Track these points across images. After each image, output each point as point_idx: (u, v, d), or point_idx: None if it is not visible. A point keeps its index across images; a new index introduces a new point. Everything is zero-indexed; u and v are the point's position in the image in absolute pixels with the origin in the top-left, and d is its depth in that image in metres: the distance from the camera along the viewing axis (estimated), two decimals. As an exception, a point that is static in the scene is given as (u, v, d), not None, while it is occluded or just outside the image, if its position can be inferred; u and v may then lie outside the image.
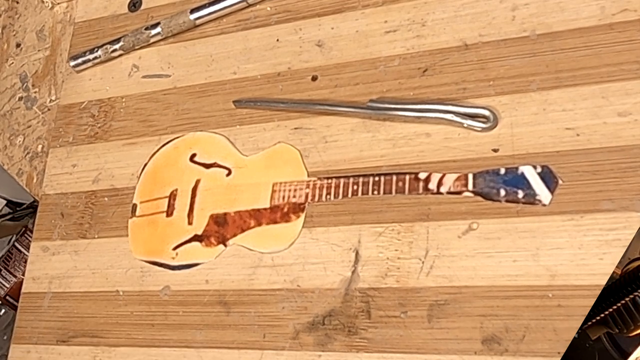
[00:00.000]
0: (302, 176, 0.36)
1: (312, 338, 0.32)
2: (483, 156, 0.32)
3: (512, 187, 0.31)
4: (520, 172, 0.31)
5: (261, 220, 0.36)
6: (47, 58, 0.49)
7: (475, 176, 0.32)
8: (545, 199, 0.30)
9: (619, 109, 0.30)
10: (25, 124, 0.48)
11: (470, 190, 0.31)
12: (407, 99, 0.35)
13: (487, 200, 0.31)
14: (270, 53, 0.40)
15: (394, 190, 0.33)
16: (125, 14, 0.46)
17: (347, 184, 0.34)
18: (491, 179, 0.31)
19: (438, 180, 0.32)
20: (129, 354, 0.36)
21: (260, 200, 0.36)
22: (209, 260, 0.36)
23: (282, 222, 0.35)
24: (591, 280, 0.28)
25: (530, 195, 0.30)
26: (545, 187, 0.30)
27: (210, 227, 0.37)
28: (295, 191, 0.35)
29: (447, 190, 0.32)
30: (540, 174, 0.30)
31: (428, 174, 0.33)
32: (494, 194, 0.31)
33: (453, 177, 0.32)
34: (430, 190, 0.32)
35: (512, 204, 0.30)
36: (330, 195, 0.34)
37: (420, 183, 0.33)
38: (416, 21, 0.36)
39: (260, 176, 0.37)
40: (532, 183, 0.30)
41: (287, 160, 0.36)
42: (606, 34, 0.32)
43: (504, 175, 0.31)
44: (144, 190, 0.40)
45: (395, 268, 0.32)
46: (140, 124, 0.42)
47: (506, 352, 0.28)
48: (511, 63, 0.33)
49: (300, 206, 0.35)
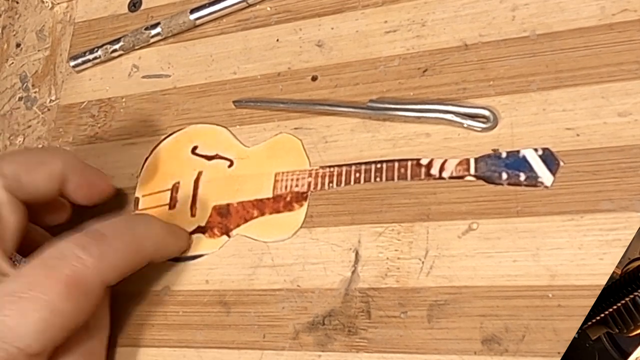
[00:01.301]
0: (304, 165, 0.36)
1: (312, 338, 0.32)
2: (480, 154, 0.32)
3: (514, 170, 0.31)
4: (521, 155, 0.31)
5: (264, 210, 0.36)
6: (47, 58, 0.49)
7: (477, 160, 0.32)
8: (547, 181, 0.30)
9: (619, 109, 0.30)
10: (25, 124, 0.48)
11: (472, 174, 0.31)
12: (407, 99, 0.35)
13: (489, 184, 0.31)
14: (270, 53, 0.40)
15: (396, 177, 0.33)
16: (125, 14, 0.46)
17: (350, 172, 0.34)
18: (493, 162, 0.31)
19: (440, 165, 0.32)
20: (129, 354, 0.36)
21: (262, 191, 0.36)
22: (212, 251, 0.36)
23: (285, 211, 0.35)
24: (591, 280, 0.28)
25: (532, 177, 0.30)
26: (547, 169, 0.30)
27: (213, 218, 0.37)
28: (297, 180, 0.35)
29: (450, 175, 0.32)
30: (542, 156, 0.30)
31: (430, 159, 0.33)
32: (496, 177, 0.31)
33: (455, 162, 0.32)
34: (432, 175, 0.32)
35: (514, 187, 0.30)
36: (332, 183, 0.34)
37: (423, 169, 0.33)
38: (416, 21, 0.36)
39: (262, 166, 0.37)
40: (533, 165, 0.30)
41: (289, 150, 0.36)
42: (606, 34, 0.32)
43: (505, 159, 0.31)
44: (146, 184, 0.40)
45: (395, 268, 0.32)
46: (140, 124, 0.42)
47: (506, 352, 0.28)
48: (511, 63, 0.33)
49: (303, 195, 0.35)
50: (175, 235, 0.36)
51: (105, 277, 0.31)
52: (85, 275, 0.30)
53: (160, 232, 0.34)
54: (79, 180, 0.36)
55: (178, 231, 0.36)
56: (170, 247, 0.36)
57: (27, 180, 0.33)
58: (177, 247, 0.36)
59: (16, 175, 0.33)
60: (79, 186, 0.36)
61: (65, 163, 0.35)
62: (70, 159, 0.36)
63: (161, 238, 0.34)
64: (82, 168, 0.36)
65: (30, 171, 0.34)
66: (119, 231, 0.32)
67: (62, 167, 0.35)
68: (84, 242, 0.31)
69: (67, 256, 0.30)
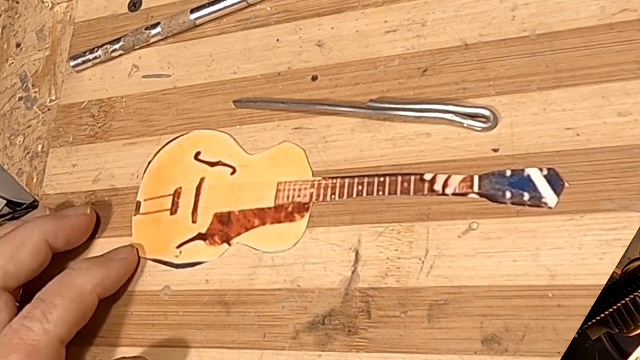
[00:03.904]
0: (307, 176, 0.35)
1: (312, 338, 0.32)
2: (483, 156, 0.32)
3: (518, 189, 0.31)
4: (526, 174, 0.31)
5: (265, 220, 0.36)
6: (47, 58, 0.49)
7: (480, 178, 0.32)
8: (552, 202, 0.30)
9: (619, 109, 0.30)
10: (25, 123, 0.48)
11: (476, 192, 0.31)
12: (407, 99, 0.35)
13: (493, 202, 0.31)
14: (270, 53, 0.40)
15: (399, 191, 0.33)
16: (125, 14, 0.46)
17: (352, 184, 0.34)
18: (497, 180, 0.31)
19: (443, 181, 0.32)
20: (129, 354, 0.36)
21: (264, 200, 0.36)
22: (212, 259, 0.36)
23: (286, 222, 0.35)
24: (591, 280, 0.28)
25: (536, 197, 0.30)
26: (552, 190, 0.30)
27: (214, 225, 0.37)
28: (299, 190, 0.35)
29: (453, 191, 0.32)
30: (547, 176, 0.30)
31: (433, 175, 0.33)
32: (500, 195, 0.31)
33: (458, 179, 0.32)
34: (435, 191, 0.32)
35: (517, 206, 0.30)
36: (335, 195, 0.34)
37: (426, 184, 0.33)
38: (416, 21, 0.36)
39: (264, 175, 0.37)
40: (538, 185, 0.30)
41: (291, 159, 0.36)
42: (606, 34, 0.32)
43: (509, 177, 0.31)
44: (148, 188, 0.40)
45: (395, 268, 0.32)
46: (140, 123, 0.42)
47: (506, 352, 0.28)
48: (511, 63, 0.33)
49: (304, 206, 0.35)
50: (114, 263, 0.36)
51: (57, 335, 0.33)
52: (39, 341, 0.32)
53: (97, 273, 0.35)
54: (62, 236, 0.37)
55: (115, 258, 0.37)
56: (115, 278, 0.36)
57: (15, 269, 0.35)
58: (122, 272, 0.37)
59: (2, 269, 0.34)
60: (65, 240, 0.37)
61: (42, 231, 0.36)
62: (45, 224, 0.37)
63: (100, 278, 0.35)
64: (60, 222, 0.37)
65: (14, 259, 0.35)
66: (55, 291, 0.34)
67: (42, 237, 0.36)
68: (27, 313, 0.33)
69: (17, 330, 0.32)
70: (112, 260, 0.36)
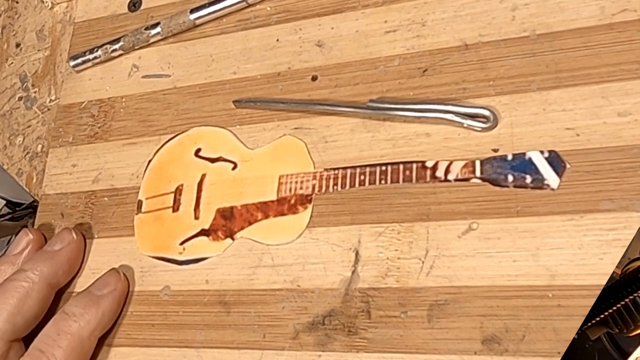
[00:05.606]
0: (309, 168, 0.36)
1: (312, 338, 0.32)
2: (483, 156, 0.32)
3: (520, 173, 0.31)
4: (527, 157, 0.31)
5: (268, 213, 0.36)
6: (47, 58, 0.49)
7: (482, 162, 0.32)
8: (554, 183, 0.30)
9: (619, 109, 0.30)
10: (25, 124, 0.48)
11: (478, 176, 0.31)
12: (407, 99, 0.35)
13: (495, 187, 0.31)
14: (270, 53, 0.40)
15: (401, 179, 0.33)
16: (125, 14, 0.46)
17: (354, 174, 0.34)
18: (499, 164, 0.31)
19: (445, 168, 0.32)
20: (129, 354, 0.36)
21: (266, 193, 0.36)
22: (216, 254, 0.36)
23: (289, 214, 0.35)
24: (591, 280, 0.28)
25: (539, 180, 0.30)
26: (553, 172, 0.30)
27: (217, 221, 0.37)
28: (301, 183, 0.35)
29: (455, 177, 0.32)
30: (548, 158, 0.30)
31: (435, 162, 0.33)
32: (502, 179, 0.31)
33: (460, 165, 0.32)
34: (437, 178, 0.32)
35: (520, 189, 0.30)
36: (337, 185, 0.34)
37: (428, 171, 0.33)
38: (416, 21, 0.36)
39: (266, 169, 0.37)
40: (539, 168, 0.30)
41: (293, 152, 0.36)
42: (606, 34, 0.32)
43: (511, 161, 0.31)
44: (150, 186, 0.40)
45: (395, 268, 0.32)
46: (140, 124, 0.42)
47: (506, 352, 0.28)
48: (511, 63, 0.33)
49: (307, 197, 0.35)
50: (106, 300, 0.36)
51: None
52: None
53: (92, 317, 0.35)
54: (62, 273, 0.38)
55: (106, 292, 0.36)
56: (110, 314, 0.36)
57: (23, 320, 0.35)
58: (116, 306, 0.36)
59: (10, 321, 0.35)
60: (66, 276, 0.38)
61: (43, 277, 0.36)
62: (44, 267, 0.37)
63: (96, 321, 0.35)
64: (56, 261, 0.37)
65: (21, 311, 0.35)
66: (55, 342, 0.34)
67: (44, 283, 0.36)
68: None
69: None
70: (103, 297, 0.36)
